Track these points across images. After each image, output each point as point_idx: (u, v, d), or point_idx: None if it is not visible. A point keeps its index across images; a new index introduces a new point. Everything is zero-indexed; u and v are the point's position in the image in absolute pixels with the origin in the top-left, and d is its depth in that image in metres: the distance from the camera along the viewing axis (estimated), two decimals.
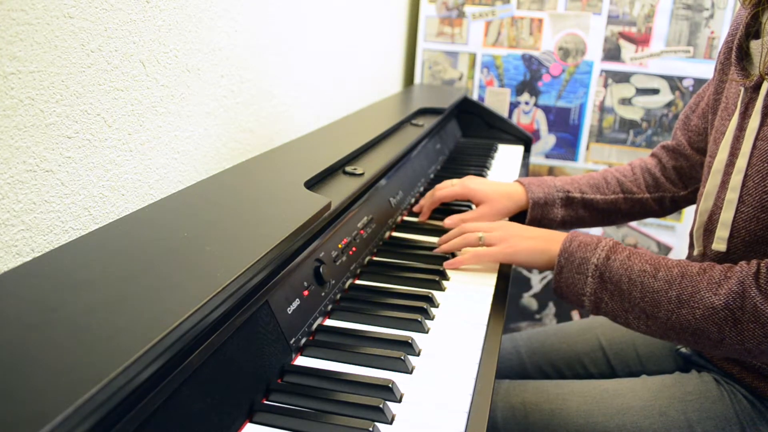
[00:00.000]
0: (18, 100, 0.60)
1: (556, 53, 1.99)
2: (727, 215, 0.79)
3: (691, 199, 1.09)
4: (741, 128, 0.80)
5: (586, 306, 0.80)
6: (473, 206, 1.12)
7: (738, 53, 0.83)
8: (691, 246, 0.91)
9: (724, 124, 0.85)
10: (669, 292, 0.73)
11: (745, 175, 0.77)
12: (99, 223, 0.73)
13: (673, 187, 1.08)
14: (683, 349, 0.95)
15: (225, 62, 0.97)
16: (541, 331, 1.13)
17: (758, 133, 0.76)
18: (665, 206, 1.10)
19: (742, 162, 0.77)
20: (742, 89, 0.80)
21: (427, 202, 1.07)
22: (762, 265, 0.71)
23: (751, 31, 0.82)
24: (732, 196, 0.78)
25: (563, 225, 1.08)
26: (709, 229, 0.84)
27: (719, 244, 0.80)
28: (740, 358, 0.77)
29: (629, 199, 1.09)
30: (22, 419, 0.34)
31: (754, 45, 0.81)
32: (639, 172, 1.11)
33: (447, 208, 1.10)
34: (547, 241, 0.84)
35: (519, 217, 1.07)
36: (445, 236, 0.94)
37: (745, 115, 0.80)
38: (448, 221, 1.01)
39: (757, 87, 0.78)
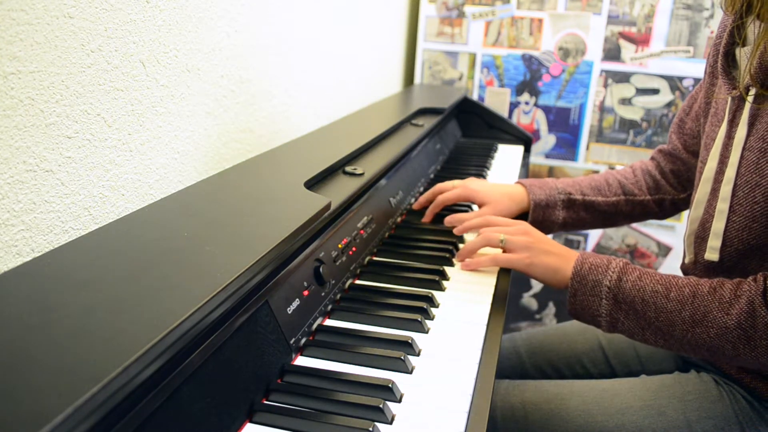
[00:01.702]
0: (18, 100, 0.60)
1: (556, 53, 1.99)
2: (718, 225, 0.79)
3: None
4: (729, 136, 0.80)
5: (602, 326, 0.80)
6: (473, 207, 1.12)
7: (724, 61, 0.82)
8: (684, 253, 0.91)
9: (714, 130, 0.85)
10: (682, 312, 0.74)
11: (735, 185, 0.77)
12: (99, 223, 0.74)
13: (672, 189, 1.08)
14: None
15: (225, 62, 0.97)
16: (541, 331, 1.13)
17: (745, 143, 0.76)
18: (665, 208, 1.10)
19: (731, 172, 0.77)
20: (730, 97, 0.80)
21: (430, 205, 1.07)
22: None
23: (736, 38, 0.82)
24: (722, 206, 0.78)
25: (564, 226, 1.08)
26: (700, 237, 0.84)
27: (712, 254, 0.80)
28: (758, 369, 0.79)
29: (630, 201, 1.08)
30: (22, 419, 0.34)
31: (740, 53, 0.80)
32: (640, 174, 1.10)
33: (448, 209, 1.10)
34: (563, 260, 0.84)
35: (520, 218, 1.07)
36: (460, 217, 0.97)
37: (732, 124, 0.79)
38: (449, 219, 1.01)
39: (743, 96, 0.77)
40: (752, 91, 0.75)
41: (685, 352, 0.77)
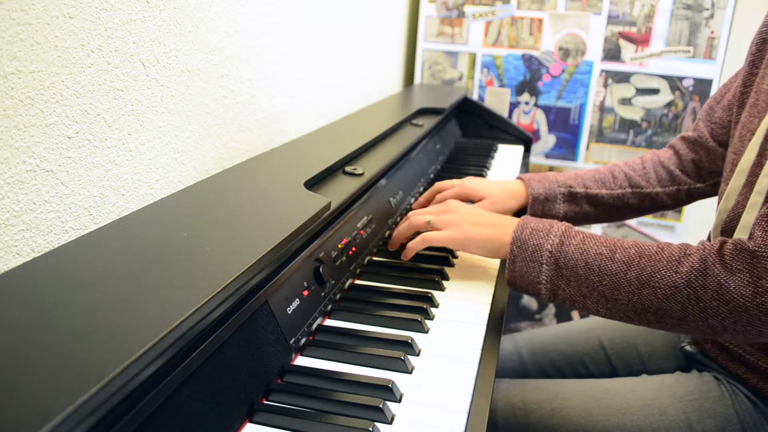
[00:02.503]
0: (18, 100, 0.60)
1: (556, 53, 1.99)
2: (748, 218, 0.76)
3: (708, 192, 1.06)
4: None
5: (542, 294, 0.76)
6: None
7: None
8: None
9: (753, 121, 0.82)
10: (628, 273, 0.71)
11: None
12: (99, 223, 0.74)
13: (689, 179, 1.06)
14: (687, 347, 0.94)
15: (225, 62, 0.97)
16: (542, 331, 1.13)
17: None
18: (681, 199, 1.07)
19: None
20: None
21: (428, 204, 1.07)
22: (728, 242, 0.69)
23: None
24: (757, 199, 0.75)
25: (567, 221, 1.06)
26: (726, 229, 0.82)
27: None
28: (703, 335, 0.74)
29: (637, 193, 1.06)
30: (22, 419, 0.34)
31: None
32: (650, 165, 1.08)
33: None
34: (498, 228, 0.81)
35: (521, 214, 1.06)
36: (396, 228, 0.92)
37: None
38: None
39: None
40: None
41: (629, 319, 0.73)
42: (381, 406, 0.56)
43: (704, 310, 0.68)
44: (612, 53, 1.95)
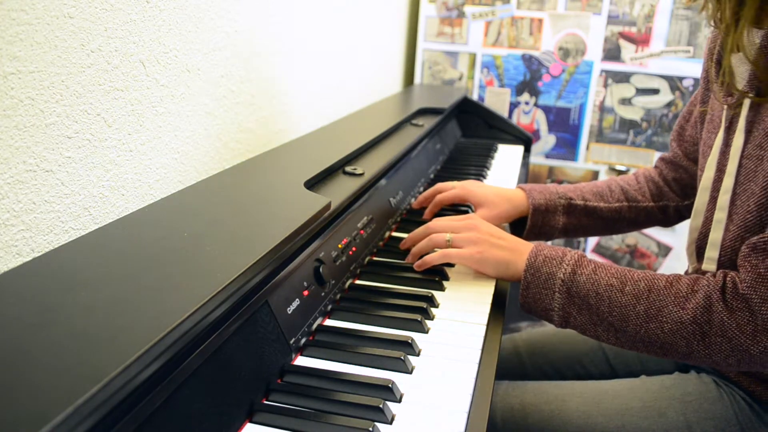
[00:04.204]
0: (18, 100, 0.60)
1: (556, 53, 1.99)
2: (716, 235, 0.77)
3: None
4: (726, 144, 0.78)
5: (554, 320, 0.78)
6: (472, 209, 1.12)
7: (717, 69, 0.81)
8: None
9: (711, 137, 0.83)
10: (636, 306, 0.73)
11: (734, 194, 0.75)
12: (99, 223, 0.74)
13: (676, 196, 1.07)
14: None
15: (225, 62, 0.97)
16: (542, 331, 1.13)
17: (743, 151, 0.75)
18: (669, 215, 1.08)
19: (728, 181, 0.76)
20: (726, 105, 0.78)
21: (429, 206, 1.07)
22: (728, 278, 0.70)
23: (731, 45, 0.79)
24: (720, 215, 0.77)
25: (565, 232, 1.06)
26: (699, 246, 0.83)
27: (709, 265, 0.78)
28: (709, 367, 0.76)
29: (633, 207, 1.07)
30: (22, 419, 0.34)
31: (735, 59, 0.78)
32: (643, 180, 1.09)
33: (451, 211, 1.10)
34: (514, 253, 0.82)
35: (519, 223, 1.06)
36: (410, 236, 0.91)
37: (729, 131, 0.78)
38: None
39: (739, 104, 0.76)
40: (746, 103, 0.74)
41: (637, 349, 0.75)
42: (381, 406, 0.56)
43: (708, 346, 0.69)
44: (612, 53, 1.95)
